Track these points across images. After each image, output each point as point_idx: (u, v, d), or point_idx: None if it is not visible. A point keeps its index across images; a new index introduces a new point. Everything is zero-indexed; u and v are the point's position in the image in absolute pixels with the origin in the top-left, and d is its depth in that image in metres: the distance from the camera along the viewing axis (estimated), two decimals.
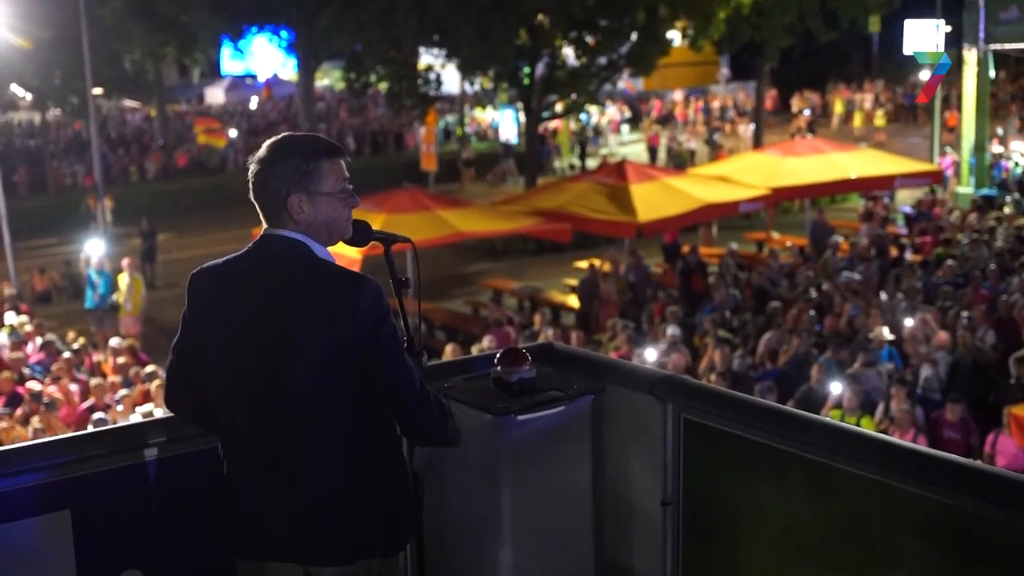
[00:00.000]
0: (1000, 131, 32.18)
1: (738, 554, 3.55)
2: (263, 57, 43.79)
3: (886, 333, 12.57)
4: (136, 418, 11.13)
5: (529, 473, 3.63)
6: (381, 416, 3.11)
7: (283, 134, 3.14)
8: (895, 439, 3.45)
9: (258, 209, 3.08)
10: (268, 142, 3.08)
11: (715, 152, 34.35)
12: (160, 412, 11.45)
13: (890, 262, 17.41)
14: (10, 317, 16.35)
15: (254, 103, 47.44)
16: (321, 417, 2.99)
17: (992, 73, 26.25)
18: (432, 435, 3.25)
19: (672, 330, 13.51)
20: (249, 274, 3.04)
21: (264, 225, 3.10)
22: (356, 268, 14.59)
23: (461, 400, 3.64)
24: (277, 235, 3.04)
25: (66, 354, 14.29)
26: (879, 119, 39.05)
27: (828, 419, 3.80)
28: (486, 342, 13.60)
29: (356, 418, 3.03)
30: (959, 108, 27.42)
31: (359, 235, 3.22)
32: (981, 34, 24.81)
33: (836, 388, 11.17)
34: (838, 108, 42.77)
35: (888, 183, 22.56)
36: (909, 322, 12.81)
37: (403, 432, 3.19)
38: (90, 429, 9.49)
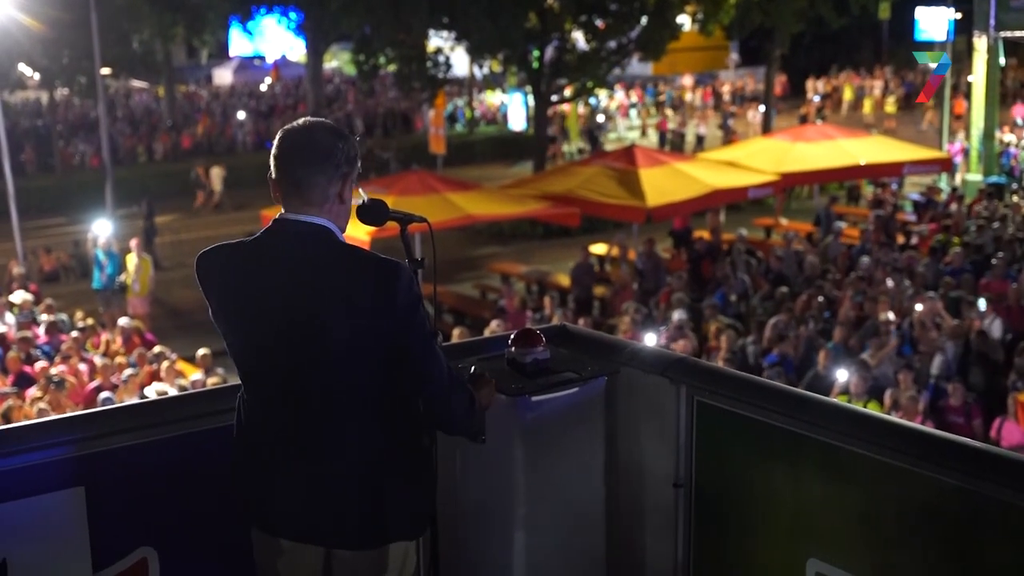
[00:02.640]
0: (1020, 120, 32.04)
1: (750, 536, 3.56)
2: (272, 38, 43.70)
3: (891, 316, 12.56)
4: (147, 397, 11.17)
5: (543, 454, 3.64)
6: (408, 400, 3.09)
7: (318, 120, 3.08)
8: (907, 422, 3.46)
9: (281, 190, 3.01)
10: (312, 120, 3.04)
11: (728, 137, 34.28)
12: (172, 391, 11.48)
13: (898, 248, 17.38)
14: (17, 296, 16.38)
15: (264, 85, 47.39)
16: (348, 399, 2.98)
17: (1002, 60, 26.12)
18: (459, 424, 3.21)
19: (678, 315, 13.50)
20: (274, 255, 2.99)
21: (281, 208, 3.04)
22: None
23: None
24: (298, 220, 2.99)
25: (74, 333, 14.32)
26: (889, 106, 38.92)
27: (840, 402, 3.80)
28: (494, 325, 13.61)
29: (383, 401, 3.02)
30: (967, 96, 27.30)
31: (377, 214, 3.21)
32: (991, 21, 24.69)
33: (843, 375, 11.17)
34: (847, 95, 42.63)
35: (897, 170, 22.51)
36: (918, 307, 12.80)
37: (430, 419, 3.16)
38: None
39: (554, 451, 3.67)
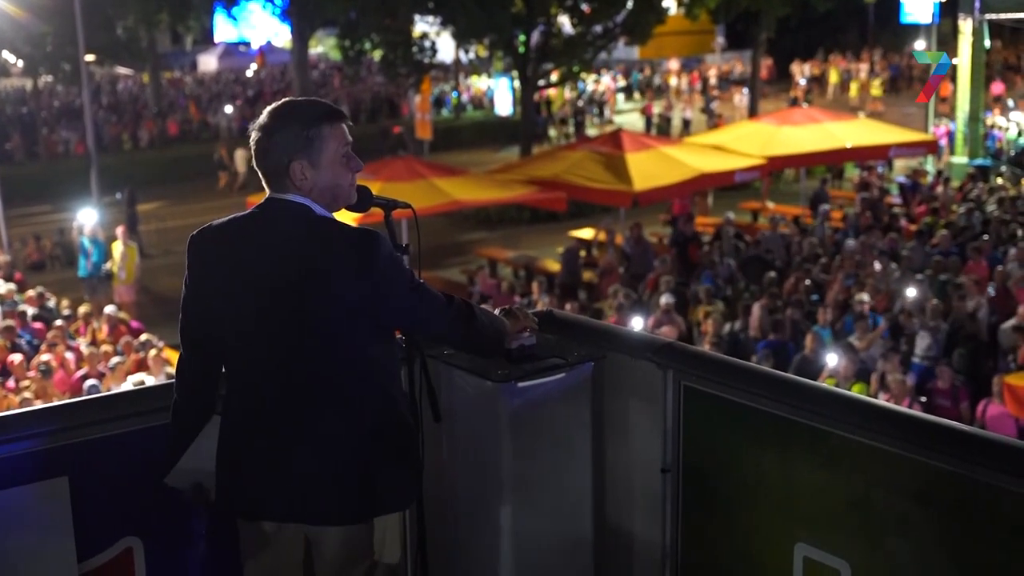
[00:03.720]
0: (1011, 102, 32.10)
1: (738, 521, 3.55)
2: (257, 24, 43.50)
3: (866, 297, 12.59)
4: (128, 387, 11.12)
5: (529, 440, 3.62)
6: (390, 375, 3.12)
7: (284, 100, 3.12)
8: (896, 406, 3.45)
9: (261, 176, 3.06)
10: (269, 108, 3.07)
11: (713, 121, 34.26)
12: (153, 380, 11.45)
13: (884, 230, 17.41)
14: (2, 285, 16.30)
15: (250, 71, 47.19)
16: (333, 374, 3.00)
17: (987, 43, 26.16)
18: (472, 346, 3.37)
19: (665, 299, 13.52)
20: (252, 233, 3.01)
21: (266, 192, 3.07)
22: None
23: (461, 367, 3.64)
24: (279, 199, 3.03)
25: (58, 322, 14.26)
26: (875, 89, 38.95)
27: (829, 386, 3.80)
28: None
29: (365, 377, 3.03)
30: (952, 79, 27.38)
31: (360, 201, 3.20)
32: (976, 3, 24.71)
33: (832, 359, 11.18)
34: (833, 78, 42.65)
35: (883, 152, 22.55)
36: (912, 292, 12.77)
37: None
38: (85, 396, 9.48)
39: (541, 437, 3.65)
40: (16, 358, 12.47)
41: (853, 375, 10.92)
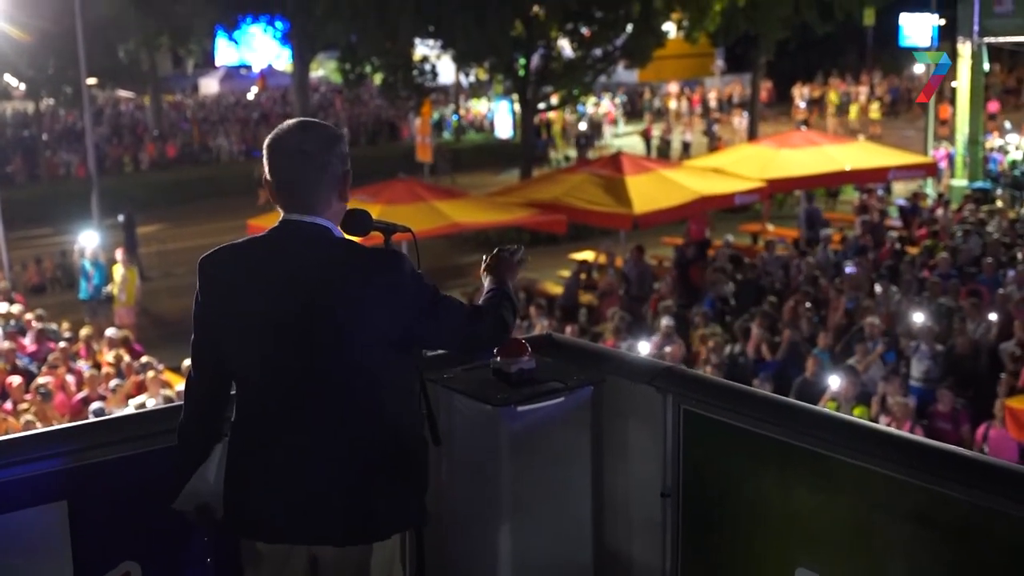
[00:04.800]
0: (1008, 124, 32.18)
1: (738, 545, 3.54)
2: (258, 47, 43.67)
3: (876, 320, 12.57)
4: (129, 410, 11.11)
5: (529, 464, 3.62)
6: (410, 392, 3.12)
7: (309, 120, 3.10)
8: (896, 430, 3.45)
9: (289, 195, 3.01)
10: (301, 127, 3.04)
11: (714, 144, 34.35)
12: (153, 403, 11.43)
13: (884, 255, 17.41)
14: (2, 308, 16.31)
15: (251, 94, 47.33)
16: (354, 394, 2.98)
17: (987, 66, 26.24)
18: (496, 342, 3.39)
19: (666, 321, 13.51)
20: (275, 255, 2.99)
21: (281, 213, 3.04)
22: None
23: (461, 390, 3.63)
24: (303, 221, 3.00)
25: (61, 344, 14.26)
26: (874, 112, 39.05)
27: (829, 411, 3.79)
28: None
29: (386, 396, 3.03)
30: (952, 101, 27.43)
31: (360, 224, 3.20)
32: (975, 27, 24.79)
33: (835, 382, 11.16)
34: (833, 100, 42.77)
35: (882, 175, 22.57)
36: (919, 317, 12.71)
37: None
38: (89, 420, 9.46)
39: (540, 461, 3.65)
40: (15, 380, 12.46)
41: (854, 398, 10.90)
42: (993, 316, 12.92)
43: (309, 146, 2.98)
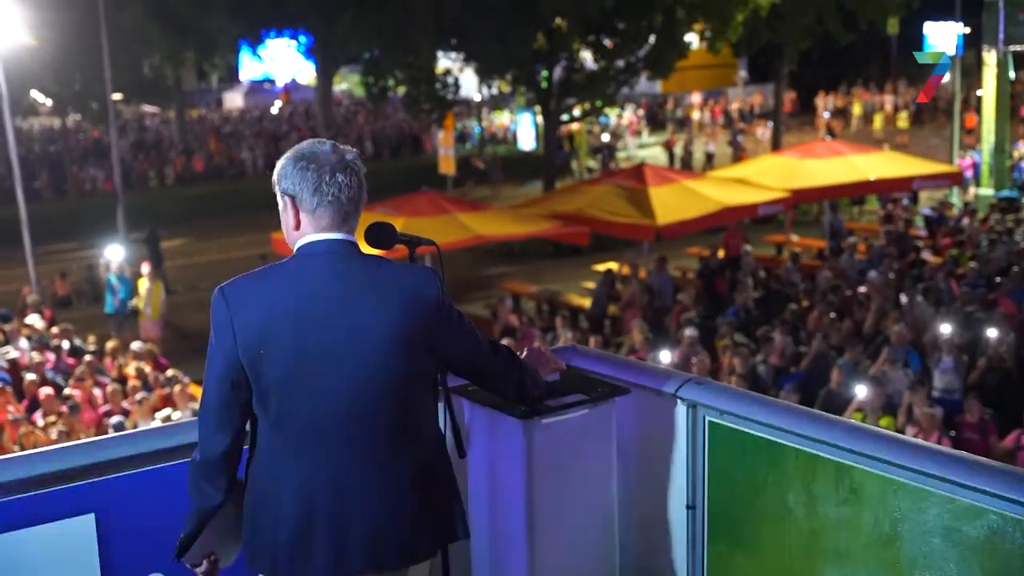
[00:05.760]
0: None
1: (764, 559, 3.53)
2: (282, 62, 43.92)
3: (904, 330, 12.50)
4: (156, 423, 11.17)
5: (554, 476, 3.61)
6: (435, 413, 3.14)
7: (328, 140, 3.08)
8: (923, 441, 3.43)
9: (335, 214, 2.95)
10: (338, 146, 3.02)
11: (737, 154, 34.31)
12: (179, 416, 11.49)
13: (910, 264, 17.34)
14: (32, 322, 16.43)
15: (275, 108, 47.59)
16: (404, 417, 2.98)
17: (1012, 74, 26.12)
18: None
19: (689, 332, 13.49)
20: (313, 280, 2.93)
21: (311, 232, 2.97)
22: None
23: (485, 403, 3.63)
24: (344, 240, 2.97)
25: (87, 357, 14.35)
26: (901, 121, 38.90)
27: (856, 421, 3.77)
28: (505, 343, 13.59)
29: (425, 416, 3.05)
30: (977, 110, 27.30)
31: (385, 237, 3.21)
32: (1000, 35, 24.69)
33: (861, 391, 11.09)
34: (856, 110, 42.64)
35: (907, 185, 22.46)
36: (946, 328, 12.62)
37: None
38: (111, 434, 9.52)
39: (564, 474, 3.64)
40: (46, 391, 12.56)
41: (880, 408, 10.84)
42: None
43: (351, 162, 2.98)
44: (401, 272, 2.98)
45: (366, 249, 3.08)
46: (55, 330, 15.90)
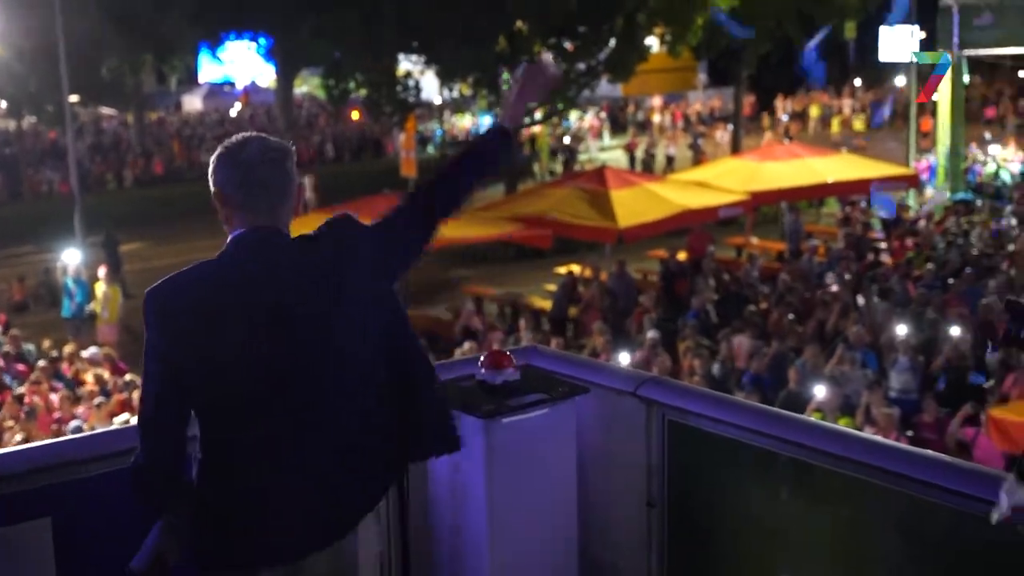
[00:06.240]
0: (988, 135, 32.40)
1: (724, 556, 3.55)
2: (241, 64, 43.63)
3: (864, 335, 12.62)
4: (114, 428, 11.07)
5: (514, 475, 3.62)
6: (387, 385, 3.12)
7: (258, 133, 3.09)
8: (880, 438, 3.47)
9: (268, 204, 2.95)
10: (266, 136, 3.03)
11: (698, 157, 34.49)
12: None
13: (867, 266, 17.50)
14: None
15: (234, 110, 47.30)
16: (356, 392, 2.98)
17: (966, 78, 26.43)
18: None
19: (651, 335, 13.54)
20: (250, 272, 2.92)
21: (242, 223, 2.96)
22: None
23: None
24: (276, 229, 2.96)
25: (41, 362, 14.20)
26: (858, 124, 39.26)
27: (813, 419, 3.80)
28: (467, 347, 13.59)
29: (375, 391, 3.04)
30: (933, 114, 27.61)
31: None
32: (955, 39, 24.97)
33: (820, 391, 11.18)
34: (814, 113, 43.00)
35: (865, 187, 22.68)
36: (902, 330, 12.73)
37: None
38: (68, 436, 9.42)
39: (525, 472, 3.65)
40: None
41: (839, 408, 10.93)
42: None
43: (276, 154, 2.97)
44: (328, 240, 2.98)
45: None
46: (13, 333, 15.73)
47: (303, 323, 2.88)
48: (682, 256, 19.01)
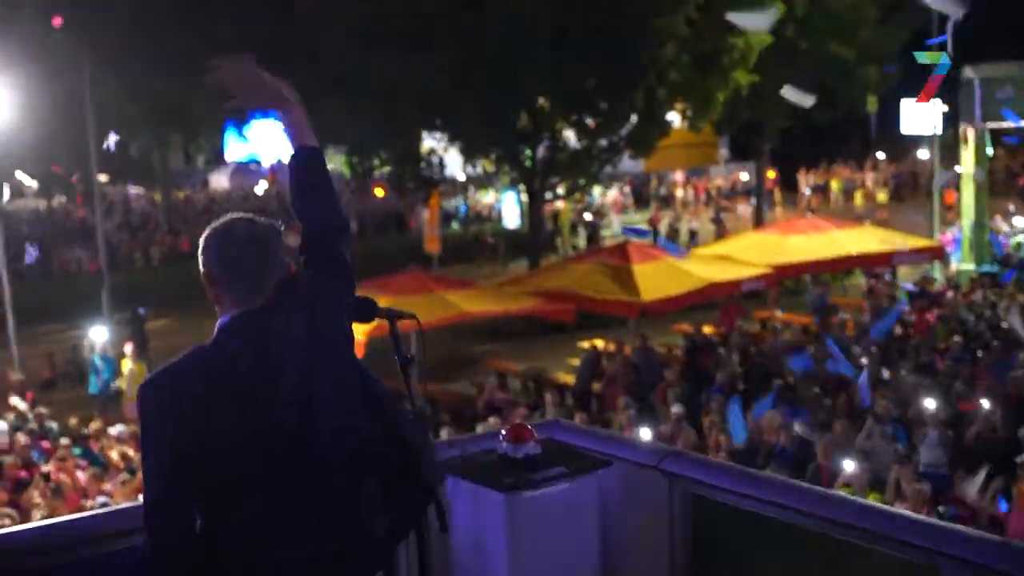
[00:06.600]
0: (1012, 208, 32.37)
1: None
2: (267, 142, 44.21)
3: (892, 409, 12.50)
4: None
5: (535, 549, 3.59)
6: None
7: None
8: (909, 512, 3.42)
9: (255, 282, 3.02)
10: (253, 218, 3.12)
11: (721, 231, 34.55)
12: None
13: (895, 339, 17.37)
14: (13, 404, 16.34)
15: (261, 188, 47.81)
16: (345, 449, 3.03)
17: (990, 151, 26.44)
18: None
19: (675, 409, 13.47)
20: (255, 356, 2.97)
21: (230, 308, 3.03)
22: (360, 350, 14.53)
23: (468, 477, 3.62)
24: (254, 309, 3.02)
25: (64, 440, 14.25)
26: (881, 196, 39.29)
27: (842, 493, 3.76)
28: (491, 421, 13.56)
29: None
30: (957, 187, 27.61)
31: (365, 311, 3.22)
32: (977, 112, 25.03)
33: (848, 466, 11.04)
34: (835, 187, 43.12)
35: (888, 259, 22.63)
36: (931, 404, 12.60)
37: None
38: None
39: (546, 546, 3.62)
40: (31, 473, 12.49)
41: (867, 483, 10.79)
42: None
43: (260, 233, 3.04)
44: (301, 317, 3.01)
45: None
46: (29, 414, 15.82)
47: (290, 400, 2.93)
48: (708, 330, 18.94)
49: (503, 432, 3.74)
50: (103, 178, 30.75)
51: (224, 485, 2.92)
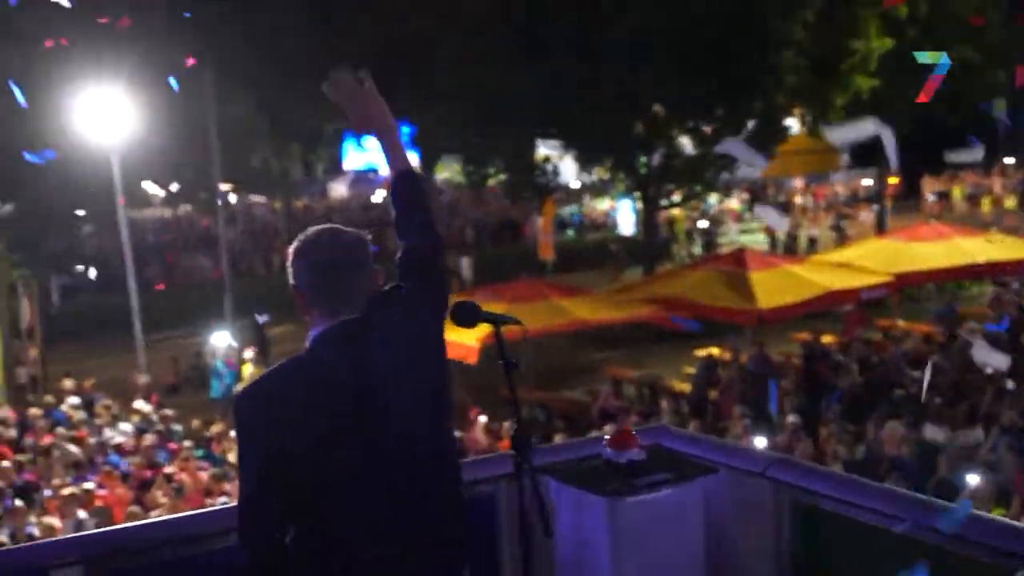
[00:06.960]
0: None
1: None
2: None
3: (1018, 420, 12.08)
4: None
5: (638, 555, 3.56)
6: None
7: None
8: None
9: (342, 294, 3.10)
10: (340, 228, 3.21)
11: (841, 238, 33.90)
12: None
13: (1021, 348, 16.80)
14: (139, 406, 16.86)
15: (379, 196, 48.50)
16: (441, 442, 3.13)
17: None
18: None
19: (792, 418, 13.25)
20: (349, 361, 3.03)
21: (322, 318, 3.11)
22: (474, 356, 14.62)
23: (570, 482, 3.61)
24: (343, 320, 3.09)
25: (187, 442, 14.65)
26: (1009, 202, 38.08)
27: (955, 504, 3.64)
28: (607, 430, 13.51)
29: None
30: None
31: (469, 316, 3.22)
32: None
33: (972, 479, 10.70)
34: (957, 193, 41.95)
35: (1019, 268, 21.87)
36: None
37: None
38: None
39: (650, 552, 3.59)
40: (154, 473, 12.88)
41: (992, 497, 10.43)
42: None
43: (346, 245, 3.14)
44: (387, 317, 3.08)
45: (453, 332, 3.14)
46: (157, 416, 16.29)
47: (380, 408, 2.97)
48: (828, 339, 18.58)
49: (606, 437, 3.71)
50: (226, 187, 31.53)
51: (305, 492, 2.94)
